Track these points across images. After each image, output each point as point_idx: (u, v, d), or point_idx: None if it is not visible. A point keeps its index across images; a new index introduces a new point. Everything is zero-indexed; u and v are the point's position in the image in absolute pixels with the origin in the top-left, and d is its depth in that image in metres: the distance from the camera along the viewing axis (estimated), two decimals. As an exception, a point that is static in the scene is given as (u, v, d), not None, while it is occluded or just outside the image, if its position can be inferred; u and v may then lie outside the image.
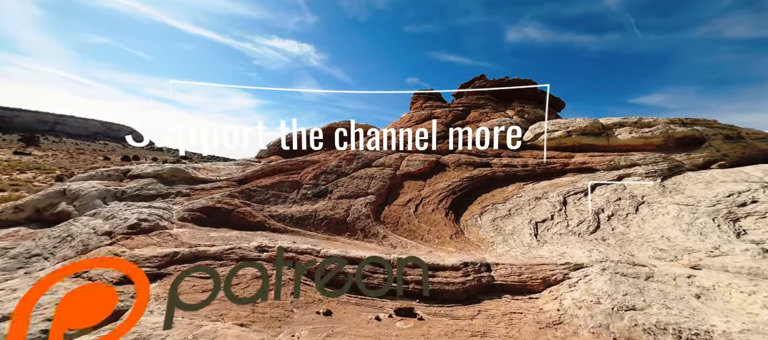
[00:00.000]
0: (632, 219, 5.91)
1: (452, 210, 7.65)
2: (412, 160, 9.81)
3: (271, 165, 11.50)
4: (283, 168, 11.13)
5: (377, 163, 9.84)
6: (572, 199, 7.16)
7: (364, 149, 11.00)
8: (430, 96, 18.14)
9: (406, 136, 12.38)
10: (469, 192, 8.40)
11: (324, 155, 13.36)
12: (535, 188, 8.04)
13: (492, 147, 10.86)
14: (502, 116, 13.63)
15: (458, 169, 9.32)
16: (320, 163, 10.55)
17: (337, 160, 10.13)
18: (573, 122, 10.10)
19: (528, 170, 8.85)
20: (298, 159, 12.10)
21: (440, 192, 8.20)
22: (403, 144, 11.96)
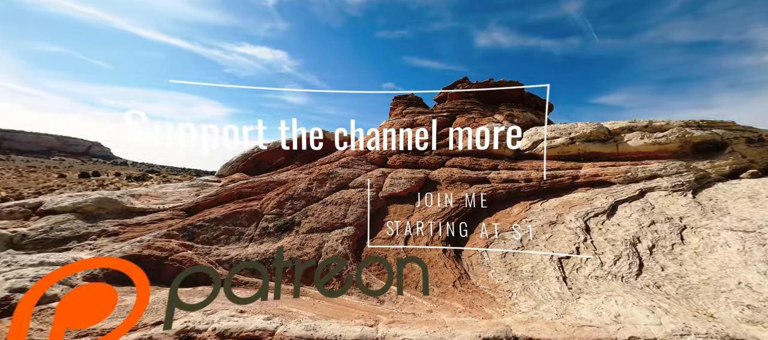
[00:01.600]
0: (682, 253, 4.66)
1: (451, 242, 6.16)
2: (397, 179, 8.27)
3: (229, 188, 9.55)
4: (242, 192, 9.22)
5: (355, 184, 8.20)
6: (595, 223, 5.88)
7: (340, 166, 9.34)
8: (410, 101, 16.77)
9: (388, 148, 10.84)
10: (468, 216, 6.97)
11: (293, 173, 11.54)
12: (545, 208, 6.73)
13: (487, 158, 9.54)
14: (491, 121, 12.46)
15: (451, 186, 7.88)
16: (287, 186, 8.76)
17: (308, 181, 8.39)
18: (574, 128, 9.00)
19: (532, 185, 7.56)
20: (261, 179, 10.22)
21: (433, 218, 6.69)
22: (383, 157, 10.40)
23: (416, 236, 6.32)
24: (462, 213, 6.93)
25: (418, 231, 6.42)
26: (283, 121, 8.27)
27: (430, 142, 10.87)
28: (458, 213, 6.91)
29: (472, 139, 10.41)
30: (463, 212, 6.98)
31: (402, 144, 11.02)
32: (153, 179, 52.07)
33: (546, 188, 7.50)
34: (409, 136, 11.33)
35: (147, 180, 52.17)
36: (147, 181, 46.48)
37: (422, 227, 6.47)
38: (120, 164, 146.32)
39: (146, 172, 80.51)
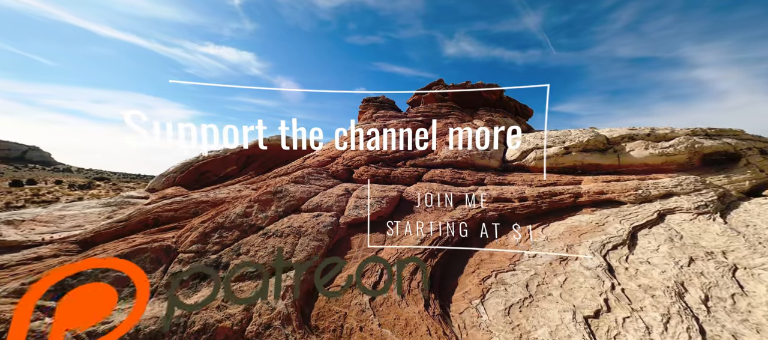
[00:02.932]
0: (752, 310, 3.39)
1: (434, 291, 4.53)
2: (364, 198, 6.54)
3: (144, 212, 7.29)
4: (160, 217, 7.02)
5: (310, 206, 6.35)
6: (617, 259, 4.55)
7: (293, 181, 7.43)
8: (382, 104, 15.19)
9: (354, 158, 9.09)
10: (454, 248, 5.40)
11: (239, 188, 9.43)
12: (549, 236, 5.33)
13: (471, 170, 8.13)
14: (470, 127, 11.20)
15: (432, 209, 6.31)
16: (221, 208, 6.71)
17: (247, 202, 6.40)
18: (568, 135, 7.87)
19: (528, 205, 6.20)
20: (190, 198, 8.02)
21: (410, 254, 5.04)
22: (347, 169, 8.65)
23: (387, 280, 4.61)
24: (446, 245, 5.35)
25: (390, 274, 4.72)
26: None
27: (404, 151, 9.29)
28: (443, 245, 5.32)
29: (453, 147, 8.98)
30: (448, 242, 5.40)
31: (369, 153, 9.34)
32: (100, 187, 46.06)
33: (545, 209, 6.16)
34: (379, 144, 9.68)
35: (93, 188, 46.14)
36: (93, 189, 40.89)
37: (395, 268, 4.78)
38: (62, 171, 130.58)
39: (93, 179, 71.57)
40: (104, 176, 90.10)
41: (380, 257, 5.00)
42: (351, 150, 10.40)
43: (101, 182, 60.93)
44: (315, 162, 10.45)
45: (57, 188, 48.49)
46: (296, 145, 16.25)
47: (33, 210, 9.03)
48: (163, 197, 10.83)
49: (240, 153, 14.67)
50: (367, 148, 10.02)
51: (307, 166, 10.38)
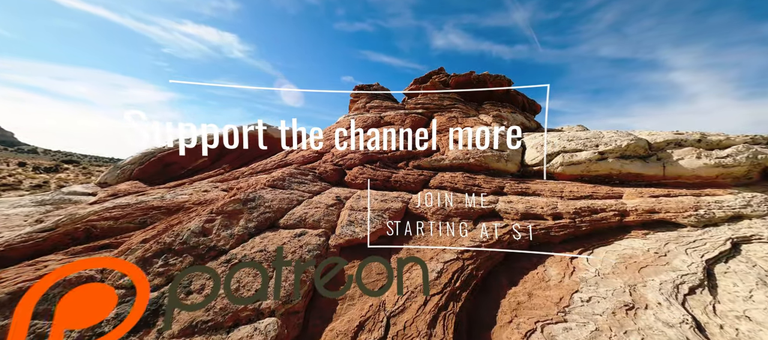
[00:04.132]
0: None
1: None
2: (360, 210, 5.16)
3: (77, 217, 5.68)
4: (93, 228, 5.43)
5: (291, 221, 4.91)
6: (700, 308, 3.41)
7: (271, 185, 5.93)
8: (376, 93, 13.69)
9: (346, 157, 7.65)
10: (480, 283, 4.16)
11: (207, 185, 7.85)
12: (601, 271, 4.15)
13: (485, 174, 6.88)
14: (478, 123, 9.93)
15: (447, 225, 5.01)
16: (173, 220, 5.17)
17: (208, 214, 4.88)
18: (600, 137, 6.71)
19: (565, 224, 5.00)
20: (140, 201, 6.42)
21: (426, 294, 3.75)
22: (339, 169, 7.22)
23: (398, 336, 3.31)
24: (471, 280, 4.07)
25: (403, 320, 3.42)
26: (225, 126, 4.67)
27: (405, 150, 7.91)
28: (465, 281, 4.03)
29: (463, 147, 7.67)
30: (472, 277, 4.13)
31: (365, 150, 7.91)
32: (68, 170, 42.63)
33: (585, 230, 4.98)
34: (376, 140, 8.26)
35: (60, 172, 42.65)
36: (60, 173, 37.61)
37: (408, 313, 3.48)
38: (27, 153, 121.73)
39: (61, 162, 66.43)
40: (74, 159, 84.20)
41: (385, 302, 3.67)
42: (341, 145, 8.92)
43: (70, 165, 56.65)
44: (299, 157, 8.93)
45: (20, 170, 44.42)
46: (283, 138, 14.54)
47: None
48: (113, 195, 9.06)
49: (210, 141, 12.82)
50: (362, 144, 8.58)
51: (289, 162, 8.85)
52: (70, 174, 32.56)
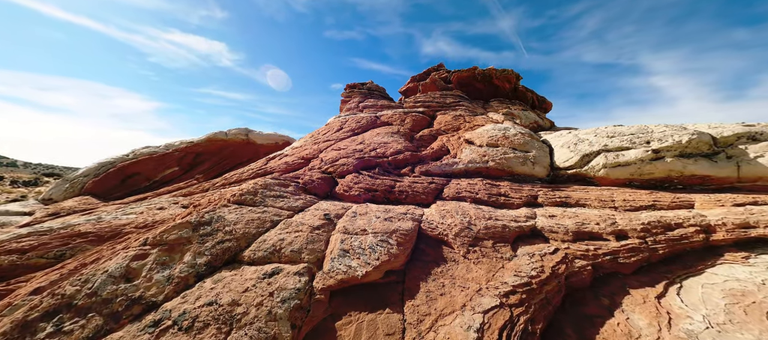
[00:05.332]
0: None
1: None
2: (357, 233, 3.78)
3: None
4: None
5: (261, 252, 3.48)
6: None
7: (237, 201, 4.48)
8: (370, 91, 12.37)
9: (336, 162, 6.26)
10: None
11: (161, 203, 6.36)
12: (713, 320, 2.84)
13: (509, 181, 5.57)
14: (488, 121, 8.68)
15: (477, 254, 3.66)
16: (88, 258, 3.66)
17: (139, 245, 3.42)
18: (649, 133, 5.50)
19: (635, 247, 3.71)
20: (66, 225, 4.87)
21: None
22: (328, 178, 5.81)
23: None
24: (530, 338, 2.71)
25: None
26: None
27: (410, 152, 6.57)
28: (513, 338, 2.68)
29: (479, 148, 6.36)
30: (527, 335, 2.77)
31: (360, 154, 6.54)
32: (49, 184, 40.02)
33: (662, 254, 3.69)
34: (372, 143, 6.91)
35: (40, 185, 39.99)
36: (40, 186, 35.07)
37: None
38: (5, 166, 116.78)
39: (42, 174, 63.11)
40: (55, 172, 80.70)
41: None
42: (331, 150, 7.53)
43: (51, 178, 53.53)
44: (281, 165, 7.50)
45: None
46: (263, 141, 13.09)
47: None
48: (52, 215, 7.44)
49: (186, 150, 11.32)
50: (355, 147, 7.21)
51: (269, 170, 7.40)
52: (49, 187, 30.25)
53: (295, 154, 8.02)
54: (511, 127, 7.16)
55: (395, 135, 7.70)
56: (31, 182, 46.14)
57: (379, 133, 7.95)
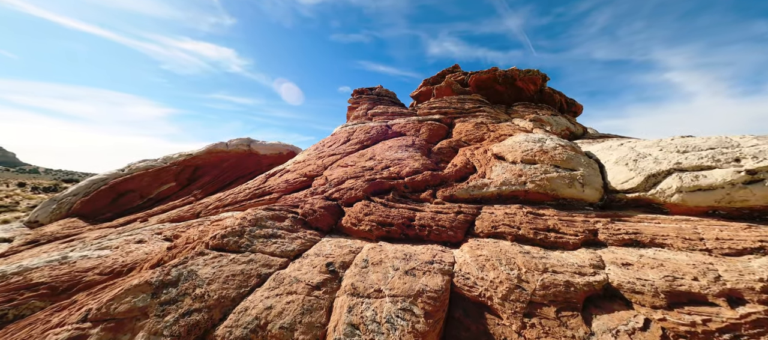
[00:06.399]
0: None
1: None
2: (369, 301, 2.81)
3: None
4: None
5: (238, 335, 2.56)
6: None
7: (216, 246, 3.57)
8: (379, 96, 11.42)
9: (342, 183, 5.31)
10: None
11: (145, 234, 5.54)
12: None
13: (554, 208, 4.53)
14: (516, 129, 7.61)
15: (539, 332, 2.67)
16: (19, 335, 2.77)
17: (76, 323, 2.54)
18: (734, 146, 4.37)
19: (755, 320, 2.65)
20: (20, 270, 4.04)
21: None
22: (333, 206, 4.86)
23: None
24: None
25: None
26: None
27: (430, 172, 5.57)
28: None
29: (512, 165, 5.33)
30: None
31: (371, 175, 5.58)
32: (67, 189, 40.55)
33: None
34: (384, 159, 5.95)
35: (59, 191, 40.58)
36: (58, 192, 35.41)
37: None
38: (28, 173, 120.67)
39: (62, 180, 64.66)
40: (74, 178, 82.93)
41: None
42: (338, 166, 6.59)
43: (69, 184, 54.72)
44: (281, 183, 6.60)
45: (18, 191, 42.29)
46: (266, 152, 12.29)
47: None
48: (32, 242, 6.71)
49: (184, 164, 10.58)
50: (364, 164, 6.26)
51: (267, 190, 6.51)
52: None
53: (297, 170, 7.12)
54: (547, 138, 6.08)
55: (410, 149, 6.71)
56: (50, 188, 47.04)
57: (392, 147, 6.98)
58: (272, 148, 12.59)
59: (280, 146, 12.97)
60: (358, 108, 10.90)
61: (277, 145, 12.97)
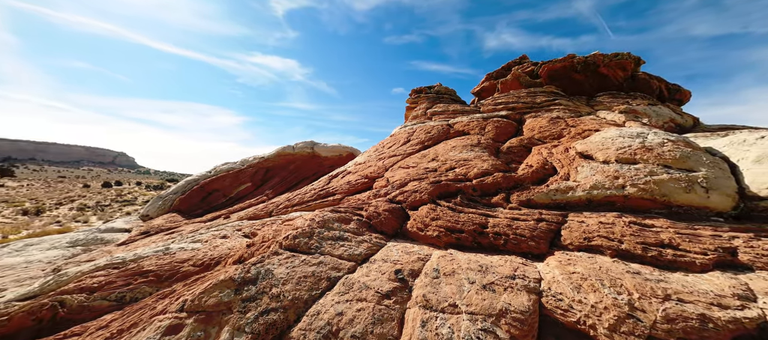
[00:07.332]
0: None
1: None
2: (443, 316, 2.56)
3: (51, 288, 4.13)
4: (59, 308, 3.80)
5: (313, 335, 2.57)
6: None
7: (289, 247, 3.70)
8: (439, 94, 11.01)
9: (405, 186, 5.13)
10: None
11: (227, 230, 6.11)
12: None
13: (664, 218, 3.69)
14: (602, 124, 6.54)
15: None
16: (127, 322, 3.20)
17: (174, 312, 2.82)
18: None
19: None
20: (136, 258, 4.80)
21: None
22: (397, 210, 4.71)
23: None
24: None
25: None
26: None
27: (502, 173, 5.08)
28: None
29: (604, 165, 4.55)
30: None
31: (436, 177, 5.29)
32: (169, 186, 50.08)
33: None
34: (448, 160, 5.61)
35: (163, 189, 49.48)
36: (163, 189, 43.50)
37: None
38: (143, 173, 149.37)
39: (166, 180, 78.97)
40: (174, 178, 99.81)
41: None
42: (399, 167, 6.46)
43: (171, 183, 66.06)
44: (343, 184, 6.72)
45: (137, 189, 52.75)
46: (327, 154, 12.83)
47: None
48: (143, 233, 7.98)
49: (257, 166, 11.59)
50: (426, 165, 6.01)
51: (331, 191, 6.69)
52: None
53: (359, 172, 7.19)
54: (648, 132, 5.06)
55: (475, 148, 6.24)
56: (158, 186, 56.76)
57: (455, 146, 6.59)
58: (333, 150, 13.09)
59: (340, 148, 13.42)
60: (416, 108, 10.68)
61: (337, 147, 13.44)
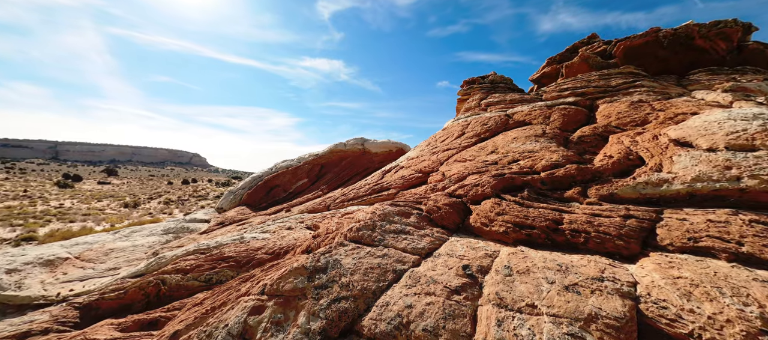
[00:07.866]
0: None
1: None
2: (520, 316, 2.39)
3: (154, 267, 4.91)
4: (161, 285, 4.46)
5: (383, 329, 2.59)
6: None
7: (354, 237, 3.79)
8: (493, 84, 10.41)
9: (464, 179, 4.94)
10: None
11: (291, 222, 6.54)
12: None
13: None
14: (700, 106, 5.54)
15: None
16: (217, 301, 3.57)
17: (256, 295, 3.07)
18: None
19: None
20: (217, 244, 5.38)
21: None
22: (458, 204, 4.54)
23: None
24: None
25: None
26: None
27: (575, 165, 4.62)
28: None
29: (709, 155, 3.87)
30: None
31: (497, 170, 5.00)
32: (236, 182, 56.53)
33: None
34: (510, 152, 5.27)
35: (230, 186, 55.60)
36: (230, 186, 49.02)
37: None
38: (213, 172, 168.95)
39: (231, 178, 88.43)
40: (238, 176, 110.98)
41: None
42: (454, 161, 6.24)
43: (236, 180, 73.62)
44: (397, 179, 6.72)
45: (208, 185, 59.99)
46: (377, 150, 13.00)
47: (95, 238, 8.07)
48: (220, 224, 8.93)
49: (313, 163, 12.20)
50: (484, 158, 5.71)
51: (385, 185, 6.74)
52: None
53: (412, 166, 7.13)
54: (763, 113, 4.14)
55: (541, 139, 5.75)
56: (226, 183, 63.18)
57: (517, 137, 6.16)
58: (382, 146, 13.22)
59: (390, 144, 13.50)
60: (469, 99, 10.23)
61: (387, 143, 13.54)
